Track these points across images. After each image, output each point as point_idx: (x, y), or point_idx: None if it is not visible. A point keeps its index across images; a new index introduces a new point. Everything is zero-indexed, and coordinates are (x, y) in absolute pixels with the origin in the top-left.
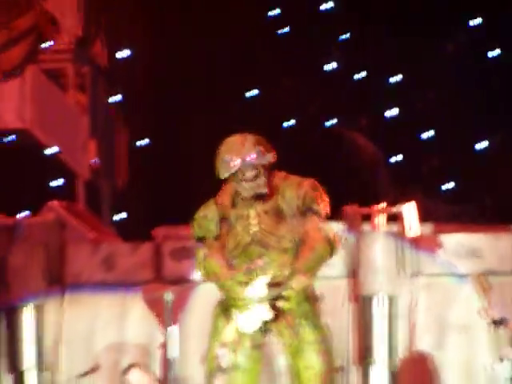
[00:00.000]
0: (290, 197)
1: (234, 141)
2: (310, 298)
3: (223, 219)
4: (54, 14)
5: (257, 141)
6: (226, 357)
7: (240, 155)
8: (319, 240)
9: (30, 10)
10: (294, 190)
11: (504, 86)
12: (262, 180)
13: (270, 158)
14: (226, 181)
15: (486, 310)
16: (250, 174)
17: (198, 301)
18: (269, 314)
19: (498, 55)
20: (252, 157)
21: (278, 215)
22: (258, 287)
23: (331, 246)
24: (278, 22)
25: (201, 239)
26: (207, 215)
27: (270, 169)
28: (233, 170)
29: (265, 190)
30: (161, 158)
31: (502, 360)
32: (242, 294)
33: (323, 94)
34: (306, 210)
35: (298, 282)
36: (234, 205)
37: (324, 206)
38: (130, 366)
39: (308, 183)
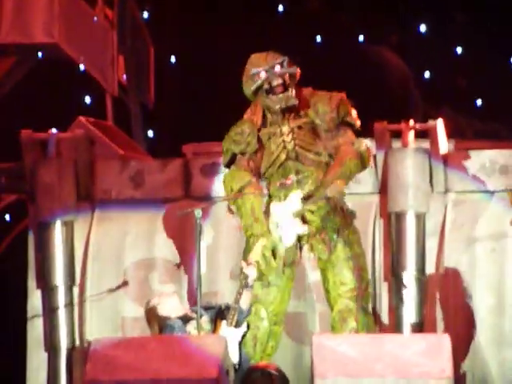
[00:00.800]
0: (323, 110)
1: (258, 56)
2: (344, 214)
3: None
4: None
5: (280, 53)
6: (252, 274)
7: (265, 65)
8: (350, 153)
9: None
10: (326, 103)
11: None
12: (290, 91)
13: (296, 69)
14: (254, 100)
15: None
16: (277, 82)
17: (226, 216)
18: (303, 228)
19: None
20: (277, 66)
21: (313, 130)
22: (293, 202)
23: (362, 160)
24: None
25: (233, 160)
26: (244, 130)
27: (297, 84)
28: (260, 82)
29: (295, 102)
30: (189, 76)
31: None
32: (260, 230)
33: (352, 10)
34: (340, 123)
35: (331, 190)
36: (264, 124)
37: (356, 118)
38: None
39: (339, 96)
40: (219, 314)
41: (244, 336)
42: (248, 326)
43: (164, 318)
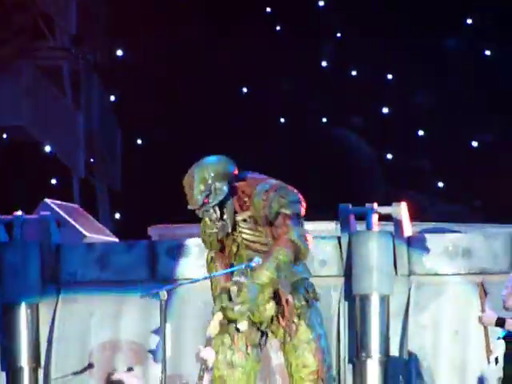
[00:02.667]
0: (258, 207)
1: (187, 187)
2: (306, 297)
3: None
4: (49, 12)
5: (205, 179)
6: (210, 357)
7: (195, 205)
8: (281, 244)
9: (25, 7)
10: (260, 200)
11: (497, 86)
12: (226, 217)
13: (224, 191)
14: None
15: (481, 318)
16: (212, 216)
17: (193, 299)
18: (243, 326)
19: (492, 54)
20: (206, 204)
21: (256, 221)
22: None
23: (296, 249)
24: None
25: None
26: (205, 231)
27: (238, 179)
28: (200, 216)
29: (230, 228)
30: (156, 159)
31: (494, 361)
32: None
33: (316, 93)
34: (275, 216)
35: (258, 279)
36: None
37: (294, 206)
38: (128, 369)
39: (274, 188)
40: None
41: None
42: None
43: None
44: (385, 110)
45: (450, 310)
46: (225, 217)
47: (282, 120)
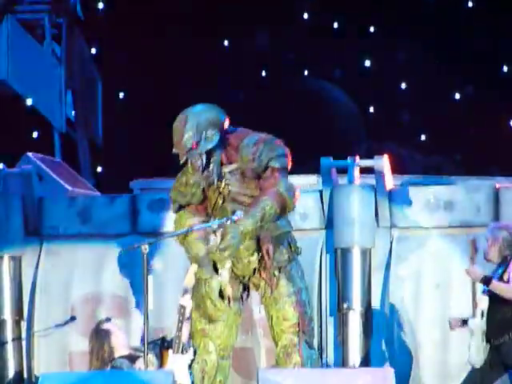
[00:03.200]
0: (246, 159)
1: (177, 131)
2: (287, 250)
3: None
4: None
5: (197, 126)
6: (188, 304)
7: (183, 149)
8: (268, 195)
9: None
10: (249, 152)
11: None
12: (211, 167)
13: (214, 139)
14: None
15: (471, 272)
16: (197, 163)
17: (176, 250)
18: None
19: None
20: (194, 149)
21: (243, 173)
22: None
23: (283, 201)
24: None
25: (180, 208)
26: (189, 181)
27: (227, 132)
28: (183, 162)
29: (214, 179)
30: (137, 111)
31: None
32: (200, 251)
33: (299, 45)
34: (263, 169)
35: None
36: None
37: (282, 160)
38: (107, 319)
39: (262, 141)
40: (164, 346)
41: (192, 362)
42: (195, 353)
43: (109, 358)
44: (367, 64)
45: (431, 263)
46: (211, 166)
47: (264, 73)
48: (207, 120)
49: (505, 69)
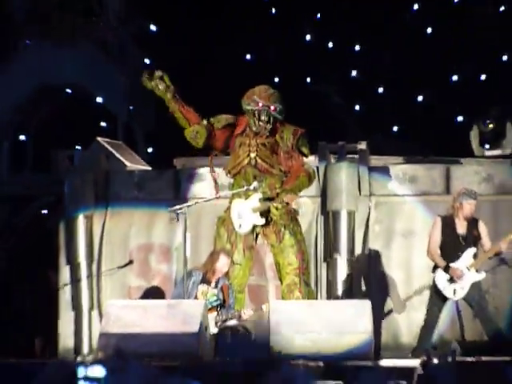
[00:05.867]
0: (287, 137)
1: (267, 89)
2: (291, 212)
3: (232, 130)
4: None
5: (282, 100)
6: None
7: (266, 102)
8: (303, 172)
9: None
10: (290, 133)
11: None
12: (268, 126)
13: (282, 116)
14: (243, 112)
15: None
16: (264, 117)
17: (208, 212)
18: (261, 220)
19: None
20: (272, 108)
21: (273, 149)
22: (254, 201)
23: (310, 177)
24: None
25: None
26: (222, 117)
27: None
28: (255, 108)
29: (266, 134)
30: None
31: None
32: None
33: (303, 61)
34: (296, 149)
35: (287, 198)
36: (242, 133)
37: (308, 147)
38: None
39: (301, 131)
40: (201, 281)
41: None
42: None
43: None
44: (353, 73)
45: (400, 222)
46: (267, 126)
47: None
48: (284, 103)
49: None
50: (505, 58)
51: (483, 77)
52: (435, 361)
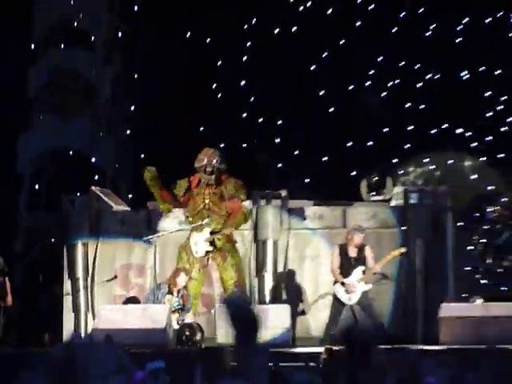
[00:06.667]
0: (229, 187)
1: (209, 149)
2: (232, 241)
3: (188, 191)
4: None
5: (220, 155)
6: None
7: (209, 158)
8: (240, 213)
9: None
10: (232, 184)
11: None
12: (213, 176)
13: (224, 166)
14: (196, 171)
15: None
16: (209, 169)
17: (172, 240)
18: (210, 248)
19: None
20: (214, 162)
21: (220, 196)
22: (206, 233)
23: (245, 217)
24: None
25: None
26: (181, 184)
27: (221, 172)
28: (202, 164)
29: (214, 183)
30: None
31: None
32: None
33: (242, 132)
34: (236, 196)
35: (227, 230)
36: (196, 185)
37: (245, 194)
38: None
39: (240, 183)
40: (167, 291)
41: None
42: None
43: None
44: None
45: (309, 249)
46: (213, 176)
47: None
48: (222, 156)
49: (349, 144)
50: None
51: (370, 143)
52: (336, 348)
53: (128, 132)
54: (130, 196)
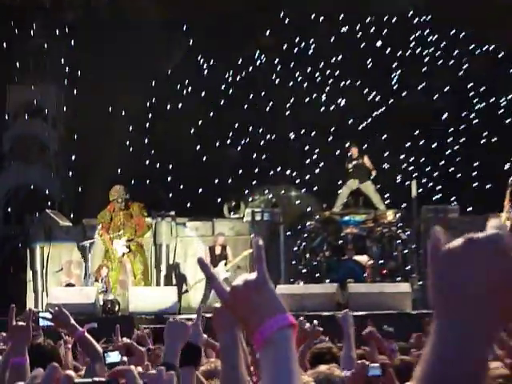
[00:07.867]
0: (135, 209)
1: (118, 186)
2: (139, 245)
3: (110, 215)
4: None
5: (124, 189)
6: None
7: (118, 193)
8: (145, 226)
9: None
10: (137, 206)
11: None
12: (123, 203)
13: (127, 196)
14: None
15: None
16: (119, 200)
17: (99, 244)
18: (126, 250)
19: None
20: (122, 194)
21: (130, 215)
22: (122, 240)
23: (149, 228)
24: None
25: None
26: (102, 214)
27: (127, 200)
28: (113, 198)
29: (123, 207)
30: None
31: None
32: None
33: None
34: (140, 215)
35: (138, 239)
36: (113, 210)
37: (146, 213)
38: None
39: (142, 205)
40: (95, 279)
41: None
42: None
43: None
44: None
45: (190, 249)
46: (122, 203)
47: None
48: (126, 190)
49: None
50: (240, 172)
51: (230, 180)
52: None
53: (70, 174)
54: (72, 216)
